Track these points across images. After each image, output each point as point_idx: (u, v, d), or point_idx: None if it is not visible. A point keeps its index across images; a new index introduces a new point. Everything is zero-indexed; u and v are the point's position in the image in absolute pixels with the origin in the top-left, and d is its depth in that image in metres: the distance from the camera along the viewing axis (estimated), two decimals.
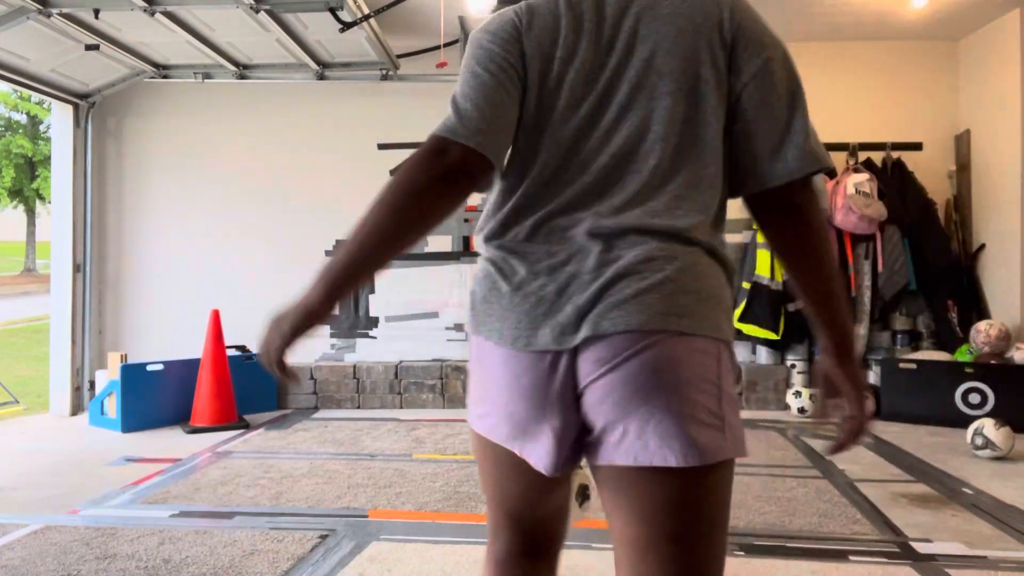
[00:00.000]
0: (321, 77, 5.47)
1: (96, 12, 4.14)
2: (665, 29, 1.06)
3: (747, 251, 5.56)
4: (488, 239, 1.13)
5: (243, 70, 5.45)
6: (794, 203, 1.08)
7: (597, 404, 1.00)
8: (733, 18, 1.08)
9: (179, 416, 4.91)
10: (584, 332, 1.00)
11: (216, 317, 4.98)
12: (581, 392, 1.02)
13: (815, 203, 1.08)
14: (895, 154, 5.60)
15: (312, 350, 5.80)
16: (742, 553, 2.62)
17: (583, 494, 2.55)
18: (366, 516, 3.04)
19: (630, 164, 1.05)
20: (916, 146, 5.65)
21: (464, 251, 5.78)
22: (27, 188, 26.65)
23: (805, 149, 1.05)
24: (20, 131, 26.17)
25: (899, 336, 5.50)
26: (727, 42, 1.07)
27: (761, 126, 1.06)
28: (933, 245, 5.37)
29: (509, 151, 1.11)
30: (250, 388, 5.22)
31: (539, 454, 1.07)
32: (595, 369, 0.99)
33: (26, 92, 6.28)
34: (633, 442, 0.99)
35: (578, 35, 1.08)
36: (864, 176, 5.21)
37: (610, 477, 1.04)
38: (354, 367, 5.56)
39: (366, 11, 4.42)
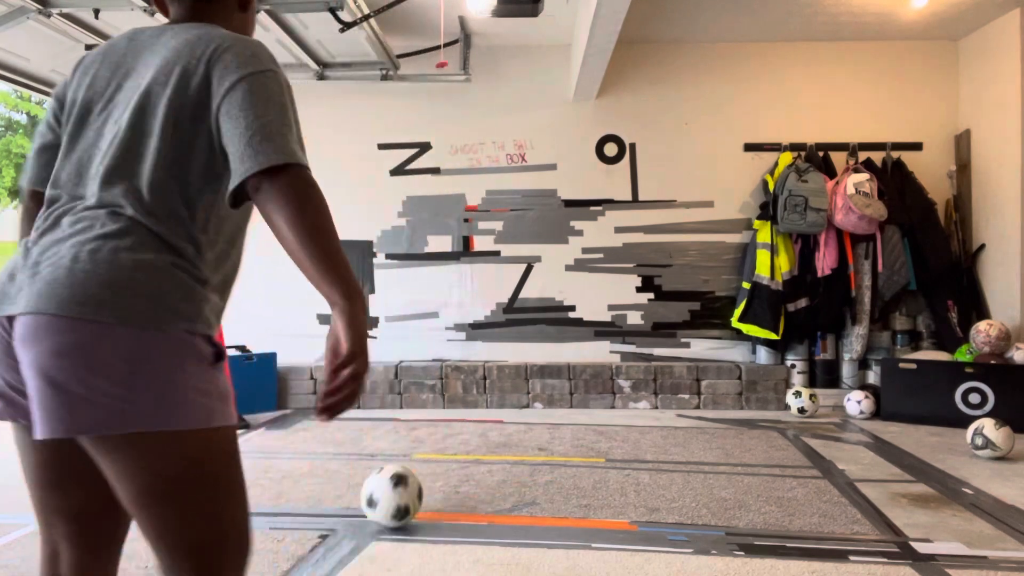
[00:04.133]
0: (321, 77, 5.47)
1: (96, 12, 4.14)
2: (152, 60, 1.27)
3: (747, 251, 5.57)
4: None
5: None
6: (256, 200, 1.16)
7: None
8: (213, 52, 1.23)
9: None
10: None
11: None
12: None
13: (274, 198, 1.13)
14: (895, 154, 5.60)
15: (312, 350, 5.79)
16: (742, 553, 2.63)
17: None
18: (366, 516, 3.04)
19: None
20: (916, 146, 5.65)
21: (464, 251, 5.78)
22: None
23: (248, 154, 1.14)
24: (20, 131, 26.16)
25: (899, 336, 5.50)
26: (202, 72, 1.22)
27: (230, 139, 1.18)
28: (933, 245, 5.37)
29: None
30: (250, 388, 5.22)
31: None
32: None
33: (26, 92, 6.28)
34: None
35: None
36: (864, 176, 5.21)
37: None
38: None
39: (366, 11, 4.42)
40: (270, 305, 5.79)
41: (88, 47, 4.70)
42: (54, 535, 1.28)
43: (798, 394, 5.14)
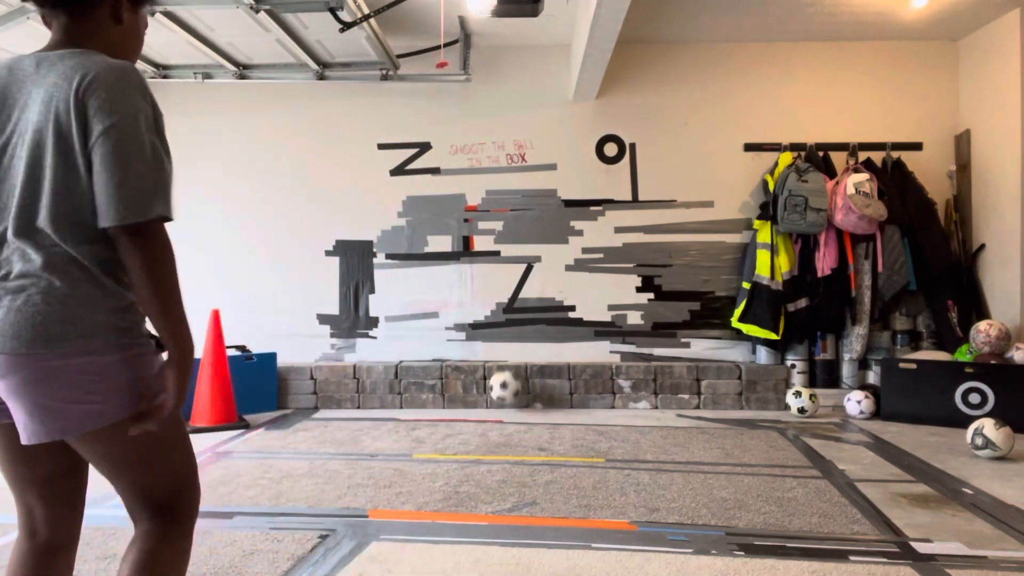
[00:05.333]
0: (321, 77, 5.47)
1: None
2: (36, 93, 1.37)
3: (747, 251, 5.57)
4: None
5: (243, 70, 5.45)
6: (116, 246, 1.35)
7: None
8: (87, 87, 1.32)
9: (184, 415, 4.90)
10: None
11: (216, 317, 4.98)
12: None
13: (128, 252, 1.33)
14: (895, 154, 5.60)
15: (312, 350, 5.80)
16: (742, 553, 2.63)
17: None
18: (366, 516, 3.04)
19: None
20: (916, 146, 5.65)
21: (464, 251, 5.78)
22: None
23: (110, 207, 1.31)
24: None
25: (899, 336, 5.50)
26: (77, 107, 1.32)
27: (97, 185, 1.32)
28: (933, 245, 5.37)
29: None
30: (250, 388, 5.23)
31: None
32: None
33: None
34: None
35: None
36: (864, 176, 5.21)
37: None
38: (354, 367, 5.56)
39: (366, 11, 4.42)
40: (270, 305, 5.79)
41: None
42: (27, 498, 1.52)
43: (798, 394, 5.14)
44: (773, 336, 5.36)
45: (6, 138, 1.38)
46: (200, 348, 4.95)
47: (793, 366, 5.48)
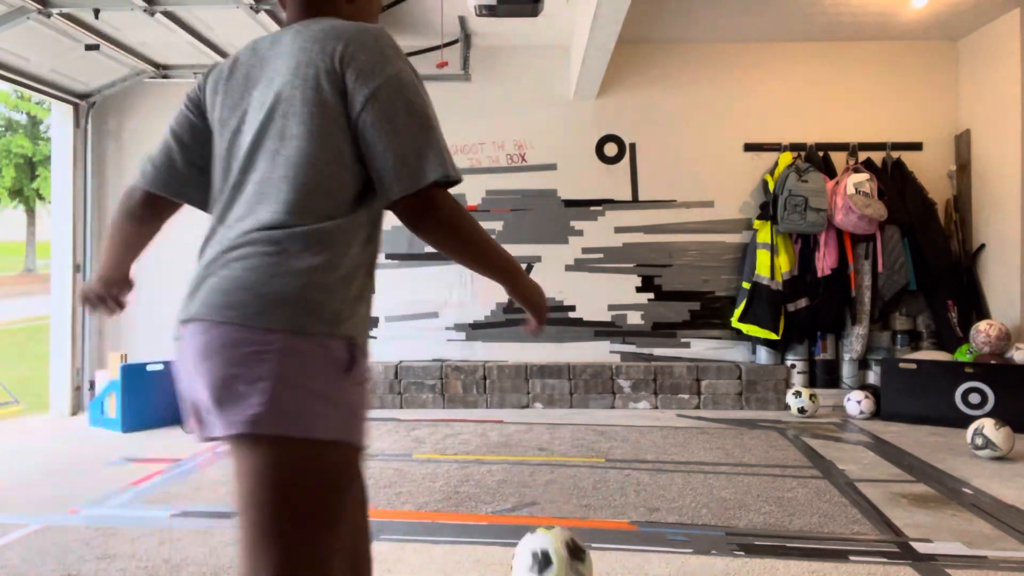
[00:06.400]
0: None
1: (96, 12, 4.14)
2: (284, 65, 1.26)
3: (747, 251, 5.57)
4: None
5: None
6: (406, 218, 1.23)
7: None
8: (344, 49, 1.22)
9: (179, 416, 4.90)
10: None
11: None
12: None
13: (420, 226, 1.22)
14: (895, 154, 5.60)
15: None
16: (742, 553, 2.63)
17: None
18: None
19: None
20: (916, 146, 5.65)
21: None
22: (27, 188, 26.61)
23: (389, 178, 1.19)
24: (20, 131, 26.14)
25: (899, 336, 5.50)
26: (336, 71, 1.21)
27: (371, 156, 1.21)
28: (933, 245, 5.37)
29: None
30: None
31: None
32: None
33: (26, 92, 6.28)
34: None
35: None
36: (864, 176, 5.21)
37: None
38: None
39: None
40: None
41: (88, 47, 4.70)
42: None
43: (798, 394, 5.14)
44: (773, 336, 5.36)
45: (241, 115, 1.29)
46: None
47: (793, 366, 5.48)
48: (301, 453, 1.13)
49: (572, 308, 5.77)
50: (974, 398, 4.70)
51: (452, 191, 1.24)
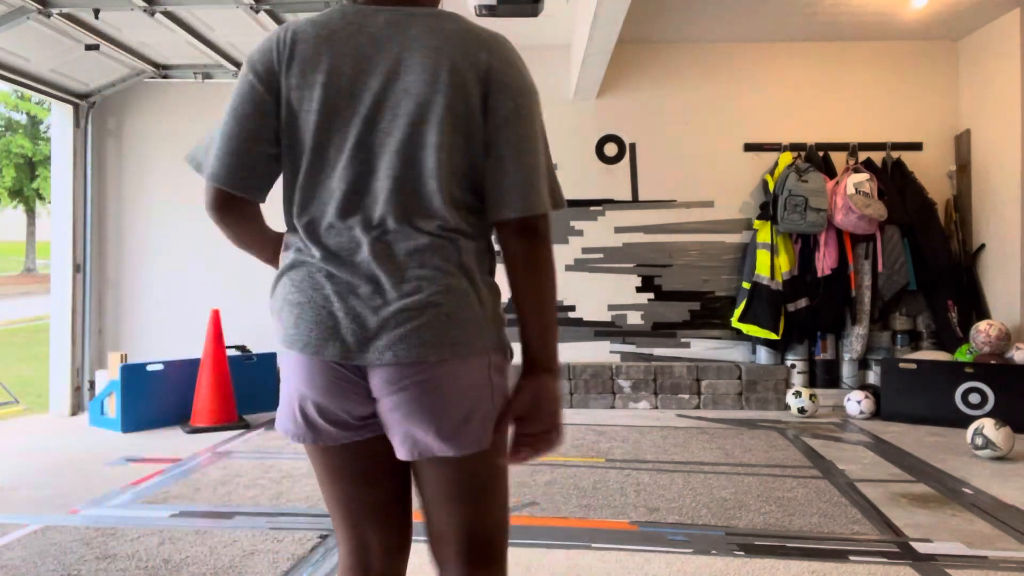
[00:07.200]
0: None
1: (96, 12, 4.14)
2: (420, 62, 1.17)
3: (747, 251, 5.57)
4: None
5: None
6: (506, 240, 1.22)
7: None
8: (490, 60, 1.17)
9: (179, 416, 4.91)
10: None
11: (216, 317, 4.98)
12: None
13: (521, 249, 1.22)
14: (895, 154, 5.60)
15: None
16: (742, 553, 2.63)
17: None
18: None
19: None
20: (916, 146, 5.65)
21: None
22: (27, 188, 26.64)
23: (512, 196, 1.17)
24: (20, 131, 26.16)
25: (899, 336, 5.50)
26: (482, 81, 1.17)
27: (496, 168, 1.18)
28: (933, 245, 5.37)
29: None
30: (250, 388, 5.22)
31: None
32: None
33: (26, 92, 6.28)
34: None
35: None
36: (864, 176, 5.21)
37: None
38: None
39: None
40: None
41: (88, 47, 4.70)
42: (364, 526, 1.42)
43: (798, 394, 5.14)
44: (773, 336, 5.36)
45: (369, 109, 1.17)
46: (200, 348, 4.96)
47: (793, 366, 5.48)
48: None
49: (572, 308, 5.77)
50: (974, 398, 4.70)
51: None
